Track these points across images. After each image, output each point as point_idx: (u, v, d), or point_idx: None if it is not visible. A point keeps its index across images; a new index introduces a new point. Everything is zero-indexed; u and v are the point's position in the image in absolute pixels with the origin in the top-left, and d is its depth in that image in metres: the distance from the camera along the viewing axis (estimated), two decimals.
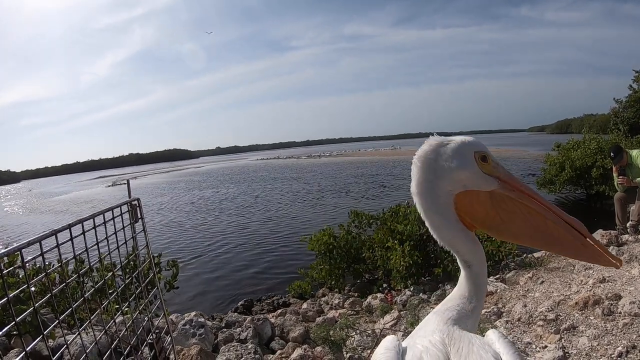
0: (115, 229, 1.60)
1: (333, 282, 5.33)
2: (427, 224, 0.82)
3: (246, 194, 21.67)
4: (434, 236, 0.83)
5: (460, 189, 0.79)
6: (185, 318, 3.40)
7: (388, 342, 0.75)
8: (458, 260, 0.84)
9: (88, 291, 1.65)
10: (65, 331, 2.90)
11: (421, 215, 0.82)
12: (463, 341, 0.70)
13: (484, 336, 0.74)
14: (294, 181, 27.35)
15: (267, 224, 12.58)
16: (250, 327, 3.35)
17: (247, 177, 36.65)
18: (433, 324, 0.76)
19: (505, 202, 0.80)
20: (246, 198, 19.88)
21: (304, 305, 4.69)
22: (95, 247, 1.41)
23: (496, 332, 0.74)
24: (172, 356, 2.04)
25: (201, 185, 31.74)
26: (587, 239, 0.76)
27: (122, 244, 1.64)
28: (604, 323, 2.49)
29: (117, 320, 2.22)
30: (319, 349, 2.94)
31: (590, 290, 3.00)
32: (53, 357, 1.13)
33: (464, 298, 0.81)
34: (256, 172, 42.00)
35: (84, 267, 1.55)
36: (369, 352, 2.77)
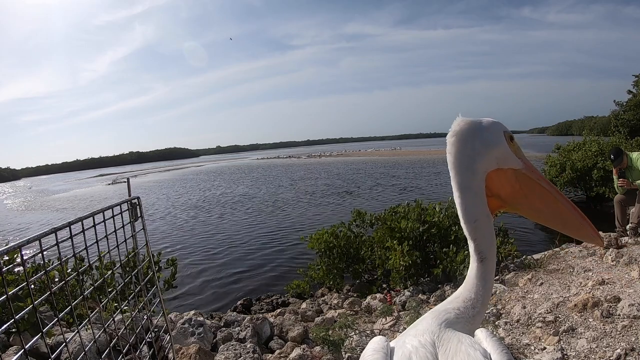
0: (115, 228, 1.60)
1: (331, 282, 5.36)
2: (457, 201, 0.82)
3: (245, 194, 21.68)
4: (460, 215, 0.83)
5: (493, 166, 0.83)
6: (184, 317, 3.40)
7: (375, 344, 0.74)
8: (472, 253, 0.82)
9: (87, 289, 1.66)
10: (64, 329, 2.91)
11: (455, 193, 0.83)
12: (452, 341, 0.69)
13: None
14: (294, 180, 27.35)
15: (267, 223, 12.59)
16: (249, 327, 3.35)
17: (247, 176, 36.66)
18: (425, 324, 0.75)
19: (527, 182, 0.85)
20: (246, 197, 19.89)
21: (303, 305, 4.69)
22: (95, 245, 1.40)
23: (484, 331, 0.74)
24: (170, 355, 2.04)
25: (201, 184, 31.76)
26: (585, 222, 0.85)
27: (121, 243, 1.64)
28: (603, 325, 2.49)
29: (116, 319, 2.22)
30: (317, 348, 2.94)
31: (590, 292, 3.00)
32: (52, 355, 1.13)
33: (469, 301, 0.79)
34: (256, 171, 41.99)
35: (84, 266, 1.54)
36: None
